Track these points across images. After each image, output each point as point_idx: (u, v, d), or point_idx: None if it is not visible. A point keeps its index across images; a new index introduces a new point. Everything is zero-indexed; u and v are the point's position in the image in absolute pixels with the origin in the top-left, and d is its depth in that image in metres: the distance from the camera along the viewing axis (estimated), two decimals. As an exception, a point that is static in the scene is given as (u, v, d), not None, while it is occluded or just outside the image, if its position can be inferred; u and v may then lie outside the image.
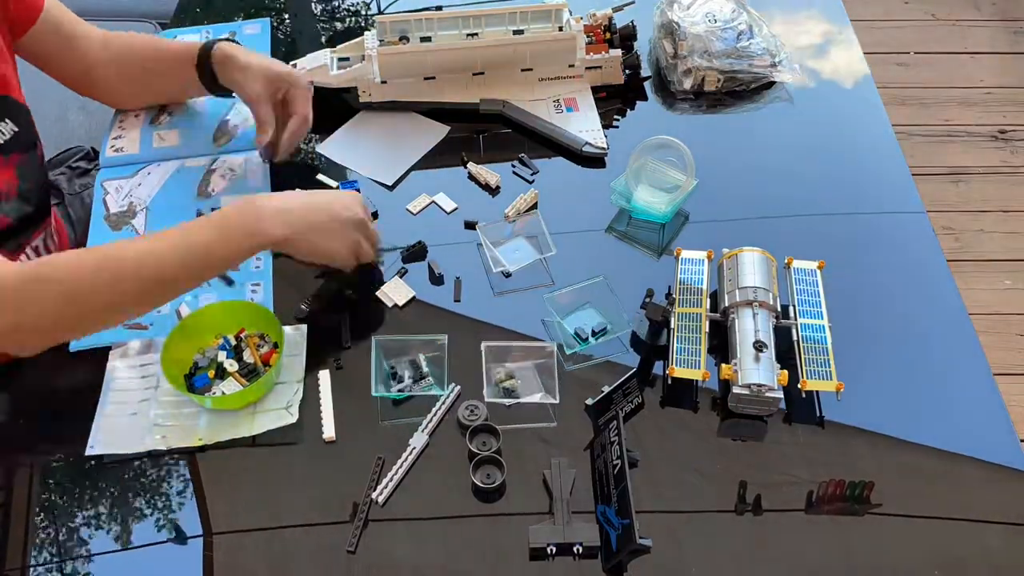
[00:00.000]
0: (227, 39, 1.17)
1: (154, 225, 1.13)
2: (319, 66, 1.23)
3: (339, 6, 1.53)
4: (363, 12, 1.51)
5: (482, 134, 1.27)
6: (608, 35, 1.30)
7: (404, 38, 1.25)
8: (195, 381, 0.97)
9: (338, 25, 1.49)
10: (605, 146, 1.22)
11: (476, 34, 1.26)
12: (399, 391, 0.97)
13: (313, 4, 1.53)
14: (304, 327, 1.03)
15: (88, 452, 0.94)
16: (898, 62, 2.62)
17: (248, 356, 0.99)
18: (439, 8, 1.39)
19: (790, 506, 0.90)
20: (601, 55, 1.28)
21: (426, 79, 1.27)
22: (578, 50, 1.27)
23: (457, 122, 1.27)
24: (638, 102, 1.32)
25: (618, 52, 1.28)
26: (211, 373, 0.98)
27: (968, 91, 2.54)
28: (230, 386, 0.96)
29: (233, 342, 1.00)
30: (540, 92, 1.28)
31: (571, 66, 1.29)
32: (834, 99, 1.33)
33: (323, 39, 1.45)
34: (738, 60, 1.29)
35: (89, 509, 0.93)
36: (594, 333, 1.01)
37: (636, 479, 0.86)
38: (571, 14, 1.28)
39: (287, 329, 1.02)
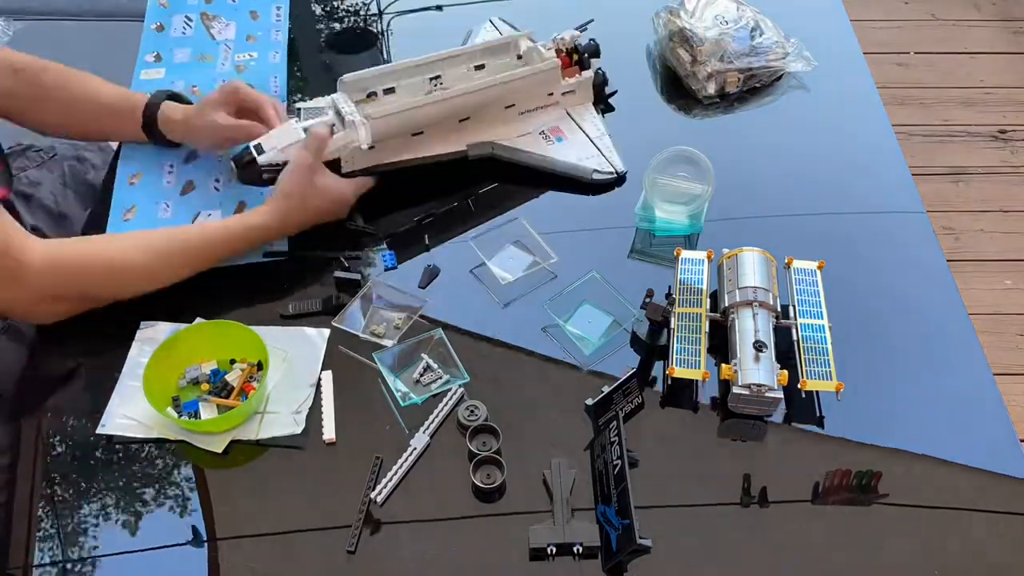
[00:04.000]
0: (172, 94, 1.18)
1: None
2: (292, 143, 1.09)
3: (338, 6, 1.53)
4: (362, 12, 1.51)
5: (470, 197, 1.18)
6: (576, 57, 1.25)
7: (372, 94, 1.18)
8: (184, 407, 0.96)
9: (336, 26, 1.49)
10: (615, 169, 1.19)
11: (439, 77, 1.20)
12: (425, 392, 0.98)
13: (313, 3, 1.53)
14: (327, 331, 1.03)
15: (99, 431, 0.95)
16: (898, 62, 2.62)
17: (232, 379, 0.98)
18: (439, 8, 1.37)
19: (790, 507, 0.90)
20: (575, 79, 1.24)
21: (414, 135, 1.17)
22: (560, 79, 1.23)
23: (443, 172, 1.18)
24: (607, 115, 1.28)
25: (590, 73, 1.24)
26: (204, 387, 0.97)
27: (968, 91, 2.54)
28: (210, 410, 0.96)
29: (220, 369, 1.00)
30: (523, 127, 1.23)
31: (550, 95, 1.24)
32: (834, 99, 1.33)
33: (321, 40, 1.45)
34: (755, 57, 1.29)
35: (87, 511, 0.93)
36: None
37: (636, 479, 0.86)
38: (534, 42, 1.23)
39: (308, 330, 1.03)
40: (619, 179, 1.19)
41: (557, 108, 1.26)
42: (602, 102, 1.29)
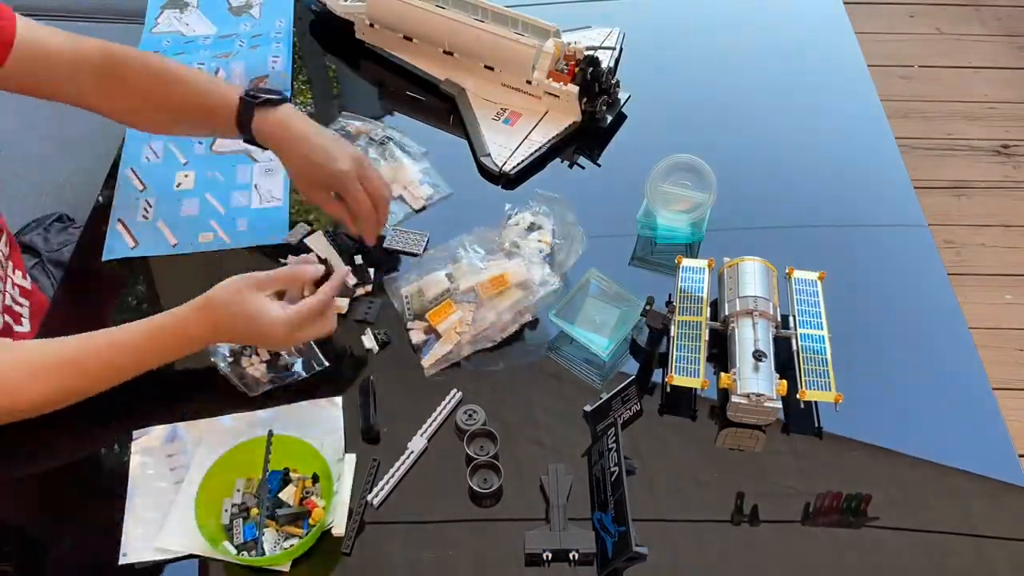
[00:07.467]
0: (265, 92, 1.03)
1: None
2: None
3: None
4: None
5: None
6: (577, 69, 1.20)
7: None
8: (246, 531, 0.86)
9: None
10: (501, 167, 1.18)
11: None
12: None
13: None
14: (339, 399, 0.96)
15: (122, 561, 0.87)
16: (902, 75, 2.62)
17: (288, 497, 0.88)
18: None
19: (786, 517, 0.90)
20: (559, 85, 1.21)
21: (404, 38, 1.30)
22: (535, 68, 1.22)
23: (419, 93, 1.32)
24: (583, 158, 1.24)
25: (575, 88, 1.20)
26: (254, 511, 0.87)
27: (971, 105, 2.54)
28: (272, 538, 0.87)
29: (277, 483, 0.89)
30: (497, 96, 1.26)
31: (528, 82, 1.24)
32: (837, 111, 1.33)
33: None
34: None
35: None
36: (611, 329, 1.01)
37: (633, 486, 0.86)
38: (559, 37, 1.23)
39: (319, 401, 0.96)
40: (498, 176, 1.19)
41: (537, 103, 1.25)
42: (595, 132, 1.25)
